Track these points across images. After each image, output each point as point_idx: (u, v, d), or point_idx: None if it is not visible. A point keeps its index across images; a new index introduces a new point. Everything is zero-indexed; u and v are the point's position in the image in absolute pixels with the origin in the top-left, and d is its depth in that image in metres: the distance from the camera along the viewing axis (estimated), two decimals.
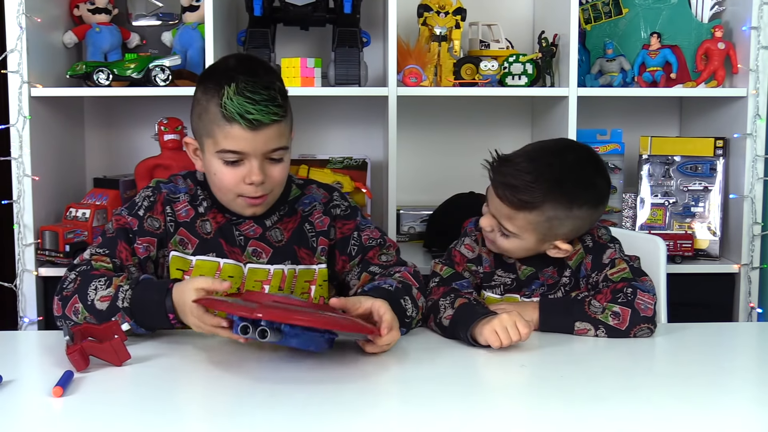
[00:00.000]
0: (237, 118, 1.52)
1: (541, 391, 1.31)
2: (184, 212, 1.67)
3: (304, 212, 1.72)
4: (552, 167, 1.60)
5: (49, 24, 2.41)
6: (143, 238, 1.63)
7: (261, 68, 1.59)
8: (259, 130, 1.54)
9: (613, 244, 1.70)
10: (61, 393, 1.25)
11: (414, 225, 2.64)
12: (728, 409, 1.25)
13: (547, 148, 1.68)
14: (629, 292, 1.58)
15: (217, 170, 1.59)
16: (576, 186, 1.60)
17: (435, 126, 2.75)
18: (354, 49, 2.41)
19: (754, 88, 2.37)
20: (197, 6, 2.46)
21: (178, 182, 1.70)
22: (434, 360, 1.46)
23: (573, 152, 1.65)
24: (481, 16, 2.60)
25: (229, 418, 1.19)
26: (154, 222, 1.65)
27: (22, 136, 2.26)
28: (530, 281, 1.70)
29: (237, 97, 1.51)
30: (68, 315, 1.51)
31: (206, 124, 1.57)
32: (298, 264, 1.69)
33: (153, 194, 1.67)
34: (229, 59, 1.63)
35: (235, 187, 1.59)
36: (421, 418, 1.20)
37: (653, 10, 2.58)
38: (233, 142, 1.55)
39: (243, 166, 1.57)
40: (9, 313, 2.36)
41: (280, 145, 1.58)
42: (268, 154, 1.58)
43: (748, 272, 2.40)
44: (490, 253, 1.72)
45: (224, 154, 1.56)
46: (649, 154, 2.51)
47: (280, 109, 1.55)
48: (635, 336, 1.57)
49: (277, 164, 1.60)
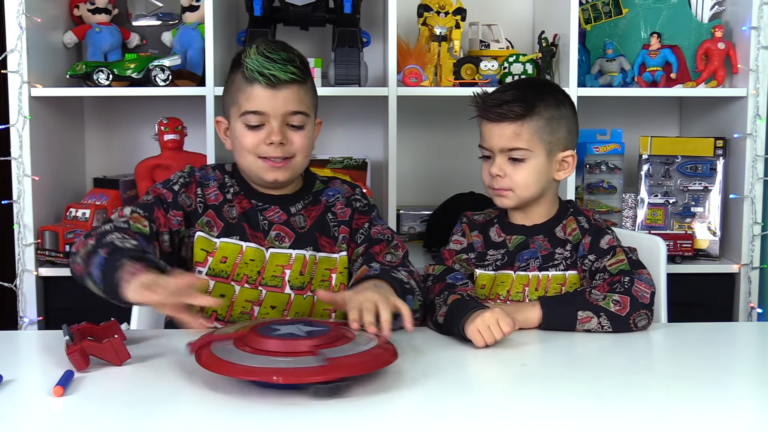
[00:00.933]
0: (256, 75, 1.61)
1: (541, 390, 1.31)
2: (213, 196, 1.72)
3: (327, 202, 1.76)
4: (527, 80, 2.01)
5: (49, 24, 2.41)
6: (175, 211, 1.67)
7: (283, 42, 1.71)
8: (278, 88, 1.63)
9: (610, 230, 1.73)
10: (62, 393, 1.25)
11: (414, 225, 2.64)
12: (728, 409, 1.25)
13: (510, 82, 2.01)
14: (626, 281, 1.61)
15: (239, 134, 1.66)
16: (551, 88, 1.78)
17: (435, 126, 2.75)
18: (354, 49, 2.41)
19: (754, 88, 2.37)
20: (197, 6, 2.46)
21: (209, 171, 1.76)
22: (433, 358, 1.46)
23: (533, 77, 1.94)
24: (481, 16, 2.60)
25: (228, 417, 1.19)
26: (186, 199, 1.69)
27: (22, 136, 2.27)
28: (521, 251, 1.73)
29: (257, 56, 1.62)
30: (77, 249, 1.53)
31: (232, 94, 1.68)
32: (318, 251, 1.72)
33: (188, 176, 1.73)
34: (256, 40, 1.74)
35: (255, 148, 1.65)
36: (421, 417, 1.20)
37: (653, 10, 2.58)
38: (254, 102, 1.63)
39: (264, 129, 1.65)
40: (9, 313, 2.36)
41: (299, 109, 1.66)
42: (287, 117, 1.65)
43: (748, 272, 2.40)
44: (480, 234, 1.77)
45: (247, 116, 1.65)
46: (649, 154, 2.51)
47: (299, 70, 1.64)
48: (635, 324, 1.58)
49: (298, 131, 1.67)
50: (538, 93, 1.71)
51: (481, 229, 1.78)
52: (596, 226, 1.73)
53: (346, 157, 2.62)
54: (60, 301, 2.33)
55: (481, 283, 1.73)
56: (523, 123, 1.68)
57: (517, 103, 1.68)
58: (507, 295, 1.72)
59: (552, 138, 1.70)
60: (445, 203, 2.52)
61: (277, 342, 1.28)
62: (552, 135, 1.70)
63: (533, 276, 1.71)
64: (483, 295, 1.73)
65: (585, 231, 1.73)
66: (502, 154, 1.70)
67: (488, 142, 1.72)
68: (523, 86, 1.75)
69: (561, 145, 1.72)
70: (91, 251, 1.50)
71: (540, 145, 1.69)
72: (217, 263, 1.68)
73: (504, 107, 1.68)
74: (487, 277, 1.74)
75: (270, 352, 1.26)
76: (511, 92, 1.70)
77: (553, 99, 1.72)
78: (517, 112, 1.67)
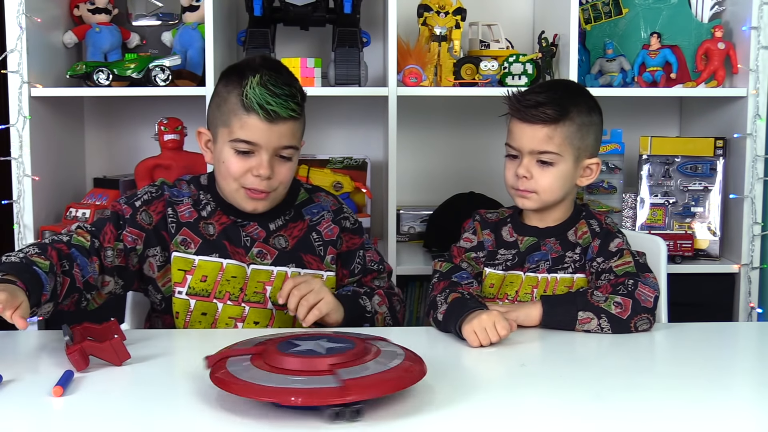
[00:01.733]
0: (256, 107, 1.57)
1: (541, 390, 1.31)
2: (188, 213, 1.69)
3: (311, 221, 1.74)
4: (561, 83, 1.91)
5: (49, 24, 2.41)
6: (132, 228, 1.65)
7: (285, 69, 1.67)
8: (275, 123, 1.59)
9: (621, 234, 1.73)
10: (62, 393, 1.25)
11: (414, 225, 2.64)
12: (728, 409, 1.25)
13: (542, 82, 2.03)
14: (630, 284, 1.60)
15: (226, 158, 1.63)
16: (584, 93, 1.76)
17: (435, 126, 2.75)
18: (354, 49, 2.41)
19: (754, 88, 2.37)
20: (197, 6, 2.46)
21: (182, 187, 1.73)
22: (433, 357, 1.46)
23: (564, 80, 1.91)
24: (481, 16, 2.60)
25: (229, 417, 1.19)
26: (146, 217, 1.67)
27: (22, 136, 2.27)
28: (532, 252, 1.72)
29: (259, 87, 1.58)
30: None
31: (224, 113, 1.62)
32: (303, 268, 1.71)
33: (156, 192, 1.70)
34: (255, 58, 1.68)
35: (240, 177, 1.62)
36: (421, 417, 1.20)
37: (653, 10, 2.58)
38: (248, 132, 1.60)
39: (252, 158, 1.61)
40: None
41: (292, 144, 1.64)
42: (279, 150, 1.62)
43: (748, 272, 2.40)
44: (492, 233, 1.77)
45: (237, 143, 1.61)
46: (649, 154, 2.51)
47: (298, 107, 1.62)
48: (635, 327, 1.58)
49: (286, 163, 1.65)
50: (572, 98, 1.70)
51: (494, 227, 1.79)
52: (607, 230, 1.73)
53: (346, 157, 2.62)
54: None
55: (490, 282, 1.74)
56: (557, 127, 1.67)
57: (553, 106, 1.66)
58: (515, 295, 1.72)
59: (581, 144, 1.70)
60: (445, 203, 2.52)
61: (295, 360, 1.21)
62: (582, 141, 1.69)
63: (542, 278, 1.71)
64: (491, 294, 1.73)
65: (596, 234, 1.72)
66: (531, 156, 1.69)
67: (518, 142, 1.71)
68: (559, 89, 1.74)
69: (588, 151, 1.72)
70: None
71: (569, 151, 1.68)
72: (196, 282, 1.66)
73: (539, 109, 1.67)
74: (497, 277, 1.73)
75: (287, 371, 1.20)
76: (547, 94, 1.68)
77: (585, 105, 1.71)
78: (552, 115, 1.66)
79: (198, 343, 1.52)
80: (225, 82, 1.64)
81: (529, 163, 1.69)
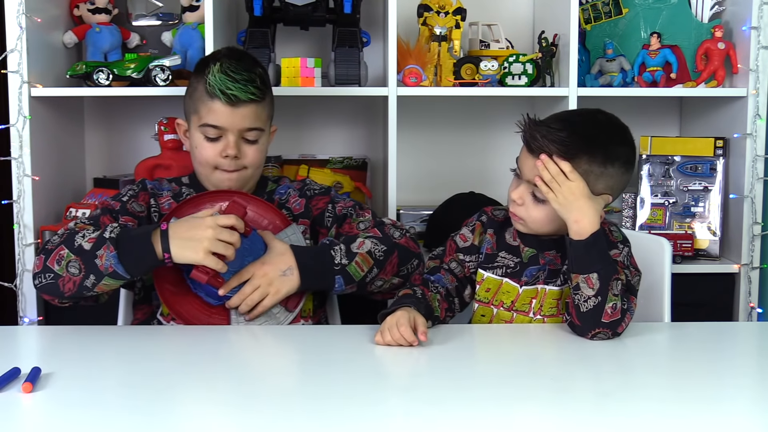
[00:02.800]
0: (218, 93, 1.71)
1: (541, 390, 1.31)
2: (167, 205, 1.78)
3: (281, 200, 1.84)
4: (585, 125, 1.63)
5: (49, 24, 2.41)
6: (126, 217, 1.72)
7: (247, 57, 1.81)
8: (237, 106, 1.73)
9: (623, 245, 1.67)
10: (31, 389, 1.25)
11: (414, 225, 2.64)
12: (728, 409, 1.25)
13: (576, 111, 1.81)
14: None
15: (198, 144, 1.77)
16: (609, 142, 1.61)
17: (435, 126, 2.75)
18: (354, 49, 2.41)
19: (754, 88, 2.37)
20: (197, 6, 2.46)
21: (163, 183, 1.84)
22: (432, 357, 1.46)
23: (602, 114, 1.67)
24: (481, 16, 2.60)
25: (229, 416, 1.19)
26: (136, 206, 1.76)
27: (22, 136, 2.26)
28: (530, 266, 1.69)
29: (220, 74, 1.72)
30: (50, 266, 1.55)
31: (194, 101, 1.78)
32: None
33: (138, 187, 1.81)
34: (221, 49, 1.84)
35: (213, 159, 1.76)
36: (421, 416, 1.20)
37: (653, 10, 2.58)
38: (214, 117, 1.73)
39: (221, 142, 1.75)
40: (9, 313, 2.36)
41: (256, 126, 1.77)
42: (243, 132, 1.76)
43: (748, 272, 2.40)
44: (494, 234, 1.72)
45: (206, 128, 1.75)
46: (649, 154, 2.51)
47: (258, 90, 1.74)
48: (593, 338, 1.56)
49: (252, 145, 1.78)
50: (589, 144, 1.58)
51: (498, 228, 1.73)
52: (608, 241, 1.65)
53: (346, 157, 2.62)
54: None
55: (486, 286, 1.70)
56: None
57: (560, 145, 1.57)
58: (511, 304, 1.69)
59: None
60: (445, 203, 2.52)
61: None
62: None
63: (541, 289, 1.68)
64: (486, 299, 1.70)
65: None
66: (528, 185, 1.62)
67: (520, 166, 1.64)
68: (579, 130, 1.59)
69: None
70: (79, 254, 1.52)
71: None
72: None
73: (544, 144, 1.57)
74: (494, 282, 1.70)
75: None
76: (562, 133, 1.57)
77: (602, 156, 1.58)
78: (556, 154, 1.57)
79: (197, 343, 1.52)
80: (195, 73, 1.79)
81: (524, 192, 1.63)
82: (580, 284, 1.55)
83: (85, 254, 1.52)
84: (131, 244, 1.53)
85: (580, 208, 1.56)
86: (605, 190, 1.62)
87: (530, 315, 1.68)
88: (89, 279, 1.52)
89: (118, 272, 1.52)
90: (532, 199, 1.63)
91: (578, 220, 1.56)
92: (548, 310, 1.68)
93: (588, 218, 1.56)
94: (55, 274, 1.54)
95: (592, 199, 1.58)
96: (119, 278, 1.54)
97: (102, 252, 1.51)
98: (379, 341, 1.50)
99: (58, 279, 1.54)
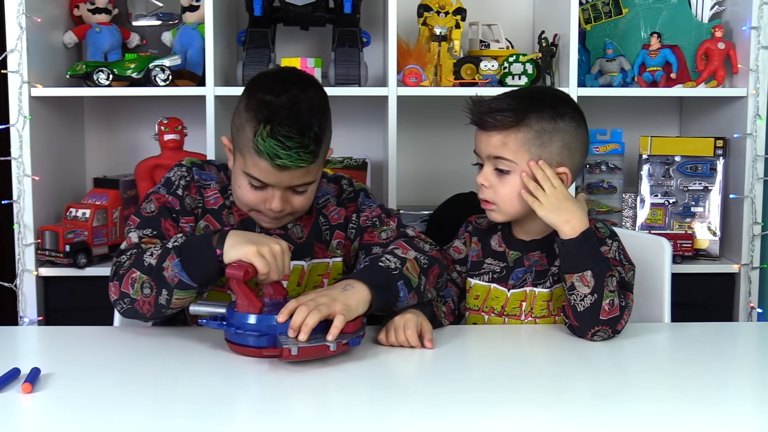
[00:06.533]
0: (266, 157, 1.52)
1: (541, 390, 1.31)
2: (213, 199, 1.67)
3: (318, 205, 1.72)
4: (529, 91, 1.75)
5: (49, 24, 2.41)
6: (187, 217, 1.63)
7: (306, 106, 1.56)
8: (286, 170, 1.54)
9: (611, 240, 1.65)
10: (30, 389, 1.24)
11: (414, 225, 2.63)
12: (728, 409, 1.25)
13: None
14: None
15: (241, 185, 1.60)
16: (554, 99, 1.66)
17: (435, 126, 2.75)
18: (354, 49, 2.41)
19: (754, 88, 2.37)
20: (197, 6, 2.46)
21: (212, 171, 1.70)
22: (432, 357, 1.46)
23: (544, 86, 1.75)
24: (481, 16, 2.60)
25: (229, 416, 1.19)
26: (191, 201, 1.65)
27: (22, 136, 2.27)
28: (515, 268, 1.68)
29: (270, 139, 1.51)
30: (125, 292, 1.49)
31: (240, 140, 1.58)
32: (313, 259, 1.69)
33: (188, 174, 1.67)
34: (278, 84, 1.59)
35: (254, 204, 1.61)
36: (420, 417, 1.20)
37: (653, 10, 2.58)
38: (259, 173, 1.55)
39: (266, 191, 1.58)
40: (9, 313, 2.36)
41: (305, 181, 1.59)
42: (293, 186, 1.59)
43: (748, 272, 2.40)
44: (479, 242, 1.73)
45: (250, 178, 1.57)
46: (649, 154, 2.51)
47: (310, 155, 1.54)
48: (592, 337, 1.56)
49: (300, 195, 1.61)
50: (534, 104, 1.61)
51: (483, 235, 1.74)
52: (596, 236, 1.63)
53: (346, 157, 2.62)
54: (60, 301, 2.33)
55: (475, 293, 1.70)
56: (510, 133, 1.59)
57: (507, 113, 1.60)
58: (502, 310, 1.68)
59: (542, 152, 1.60)
60: (445, 203, 2.52)
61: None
62: (541, 148, 1.59)
63: (530, 291, 1.67)
64: (476, 306, 1.70)
65: None
66: (489, 163, 1.63)
67: (477, 148, 1.66)
68: (523, 95, 1.65)
69: (553, 160, 1.60)
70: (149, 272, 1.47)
71: (527, 158, 1.59)
72: None
73: (491, 114, 1.61)
74: (482, 288, 1.70)
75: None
76: (506, 100, 1.62)
77: (550, 111, 1.61)
78: (504, 121, 1.59)
79: (197, 343, 1.52)
80: (246, 103, 1.58)
81: (488, 171, 1.63)
82: (575, 283, 1.55)
83: (153, 271, 1.46)
84: (193, 248, 1.46)
85: (568, 209, 1.57)
86: (563, 149, 1.61)
87: (521, 318, 1.67)
88: (162, 296, 1.46)
89: (183, 280, 1.45)
90: (496, 176, 1.63)
91: (569, 220, 1.57)
92: (539, 312, 1.67)
93: (578, 217, 1.57)
94: (131, 299, 1.49)
95: (576, 200, 1.60)
96: (186, 288, 1.46)
97: (167, 263, 1.45)
98: (382, 341, 1.49)
99: (134, 303, 1.49)
